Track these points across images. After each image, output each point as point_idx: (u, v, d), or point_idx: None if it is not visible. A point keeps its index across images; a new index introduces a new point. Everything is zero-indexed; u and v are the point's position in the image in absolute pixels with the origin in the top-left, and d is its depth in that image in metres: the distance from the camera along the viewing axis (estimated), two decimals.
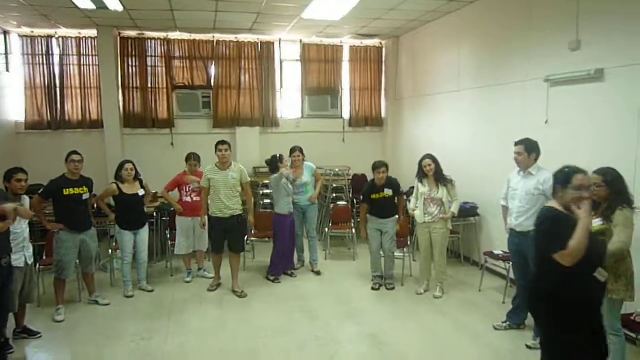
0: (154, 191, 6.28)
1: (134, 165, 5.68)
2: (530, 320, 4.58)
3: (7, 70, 8.17)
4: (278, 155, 6.16)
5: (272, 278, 6.17)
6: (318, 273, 6.47)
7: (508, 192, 4.63)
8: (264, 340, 4.59)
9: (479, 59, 6.62)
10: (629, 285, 3.45)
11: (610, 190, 3.46)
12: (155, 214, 6.78)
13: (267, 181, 8.19)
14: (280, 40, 9.10)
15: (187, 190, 6.14)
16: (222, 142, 5.69)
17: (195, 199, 6.09)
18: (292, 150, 6.45)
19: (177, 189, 6.24)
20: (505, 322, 4.73)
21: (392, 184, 5.84)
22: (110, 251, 6.38)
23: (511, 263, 4.85)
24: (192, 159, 6.22)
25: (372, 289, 5.89)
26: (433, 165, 5.45)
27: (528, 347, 4.31)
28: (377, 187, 5.81)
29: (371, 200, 5.82)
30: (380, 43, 9.55)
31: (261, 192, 8.09)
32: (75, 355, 4.36)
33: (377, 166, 5.81)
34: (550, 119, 5.22)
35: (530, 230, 4.28)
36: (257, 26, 7.99)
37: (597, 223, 3.49)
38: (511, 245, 4.61)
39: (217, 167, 5.69)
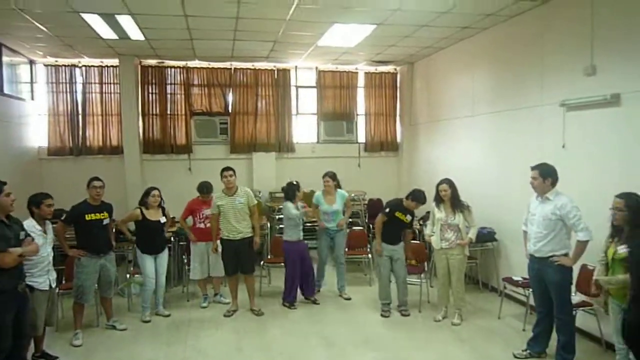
0: (172, 216, 6.33)
1: (159, 192, 5.77)
2: (551, 348, 4.49)
3: (32, 99, 8.43)
4: (295, 182, 6.17)
5: (287, 304, 6.14)
6: (348, 299, 6.40)
7: (528, 217, 4.58)
8: None
9: (493, 84, 6.66)
10: None
11: (632, 216, 3.42)
12: (172, 239, 6.83)
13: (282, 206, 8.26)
14: (296, 67, 9.26)
15: (201, 216, 6.19)
16: (226, 169, 5.79)
17: (208, 225, 6.12)
18: (324, 175, 6.48)
19: (190, 216, 6.30)
20: (526, 350, 4.62)
21: (413, 213, 5.88)
22: (127, 276, 6.43)
23: (531, 289, 4.77)
24: (205, 191, 6.19)
25: (382, 316, 5.82)
26: (449, 191, 5.43)
27: None
28: (404, 208, 5.78)
29: (393, 217, 5.76)
30: (395, 69, 9.67)
31: (277, 216, 8.12)
32: None
33: (419, 199, 5.67)
34: (567, 143, 5.20)
35: (549, 255, 4.25)
36: (273, 54, 8.16)
37: (622, 250, 3.44)
38: (531, 271, 4.54)
39: (224, 193, 5.79)
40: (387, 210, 5.83)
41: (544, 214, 4.30)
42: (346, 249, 7.20)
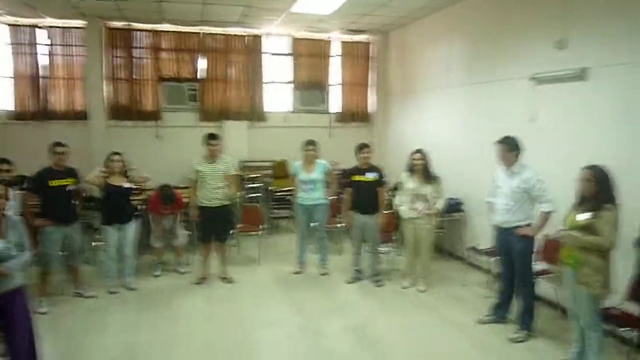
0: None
1: (121, 157, 5.56)
2: (513, 313, 4.67)
3: None
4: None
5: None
6: (325, 274, 6.22)
7: (494, 189, 4.68)
8: (251, 332, 4.62)
9: (468, 56, 6.68)
10: (606, 283, 3.53)
11: (599, 187, 3.52)
12: (142, 207, 6.69)
13: (255, 175, 8.23)
14: (268, 33, 9.07)
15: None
16: (213, 137, 5.74)
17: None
18: (307, 144, 6.16)
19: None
20: (489, 315, 4.80)
21: (376, 169, 5.83)
22: (93, 244, 6.31)
23: (497, 258, 4.92)
24: (167, 201, 6.17)
25: (347, 282, 5.93)
26: (422, 161, 5.49)
27: (511, 339, 4.40)
28: (360, 169, 5.82)
29: (352, 182, 5.81)
30: (370, 39, 9.56)
31: (248, 185, 8.09)
32: (60, 347, 4.30)
33: (360, 147, 5.86)
34: (536, 117, 5.29)
35: (515, 225, 4.37)
36: (245, 19, 7.95)
37: (584, 217, 3.56)
38: (497, 241, 4.67)
39: (204, 160, 5.73)
40: (345, 180, 5.90)
41: (511, 187, 4.40)
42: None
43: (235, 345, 4.36)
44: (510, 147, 4.41)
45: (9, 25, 7.98)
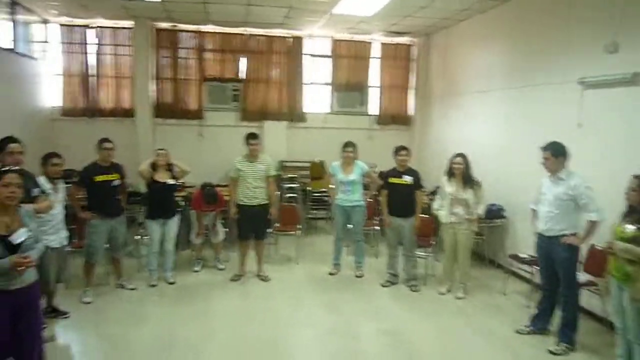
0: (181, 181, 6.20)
1: (167, 152, 5.70)
2: (554, 325, 4.51)
3: (45, 58, 8.40)
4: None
5: None
6: (360, 276, 6.20)
7: (538, 196, 4.53)
8: (284, 331, 4.65)
9: (511, 59, 6.52)
10: None
11: None
12: (183, 203, 6.85)
13: (293, 175, 8.29)
14: (310, 35, 9.12)
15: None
16: (254, 137, 5.81)
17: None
18: (346, 145, 6.17)
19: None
20: (529, 326, 4.66)
21: (413, 172, 5.77)
22: (138, 237, 6.51)
23: (538, 267, 4.76)
24: (210, 200, 6.24)
25: (382, 285, 5.88)
26: (463, 165, 5.39)
27: (551, 352, 4.24)
28: (396, 171, 5.78)
29: (389, 184, 5.78)
30: (411, 41, 9.48)
31: (286, 185, 8.15)
32: (101, 336, 4.48)
33: (398, 149, 5.83)
34: (584, 122, 5.10)
35: (559, 234, 4.23)
36: (288, 21, 8.04)
37: (630, 229, 3.41)
38: (539, 249, 4.53)
39: (245, 159, 5.81)
40: (382, 182, 5.88)
41: (556, 194, 4.25)
42: None
43: (268, 343, 4.39)
44: (556, 153, 4.25)
45: (62, 25, 8.36)
